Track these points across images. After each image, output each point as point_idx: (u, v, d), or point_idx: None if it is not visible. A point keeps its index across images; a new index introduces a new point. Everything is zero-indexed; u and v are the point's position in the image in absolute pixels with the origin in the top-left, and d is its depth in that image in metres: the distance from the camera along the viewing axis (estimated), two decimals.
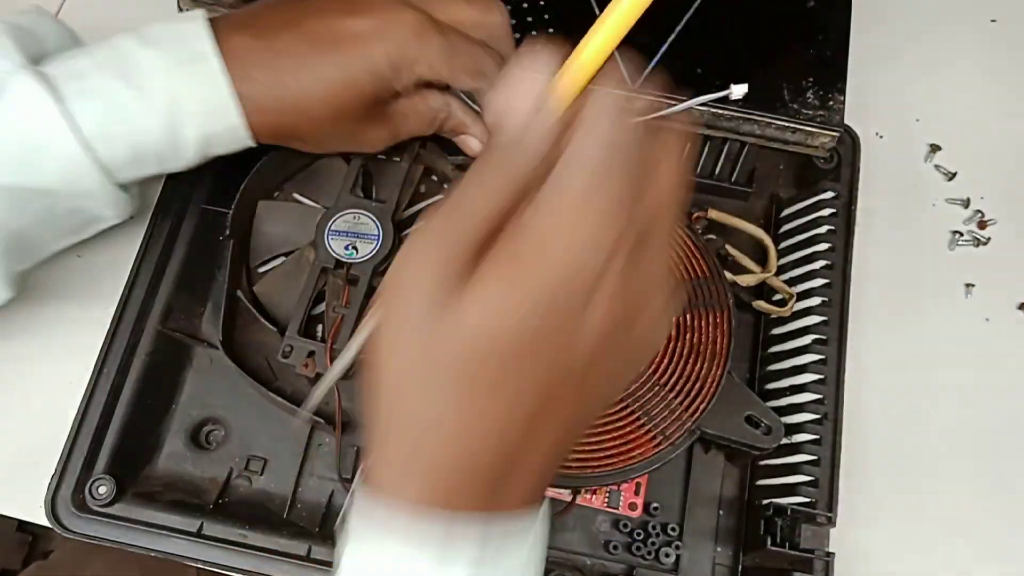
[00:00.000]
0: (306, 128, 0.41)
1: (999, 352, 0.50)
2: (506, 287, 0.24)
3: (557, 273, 0.23)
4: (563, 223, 0.23)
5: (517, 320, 0.23)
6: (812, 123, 0.47)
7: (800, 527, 0.40)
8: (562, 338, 0.24)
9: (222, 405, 0.46)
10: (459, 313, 0.24)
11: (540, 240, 0.23)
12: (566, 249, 0.23)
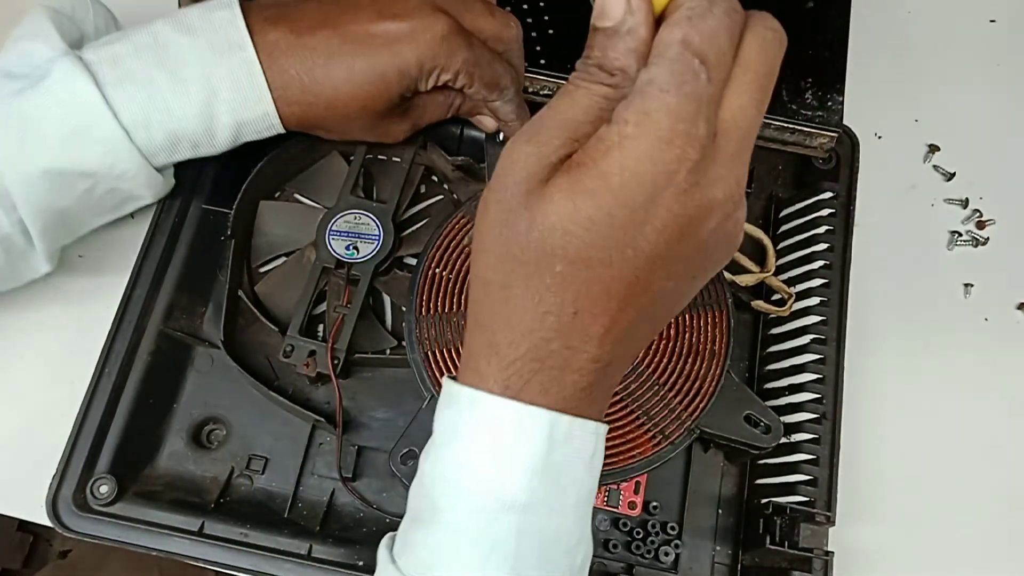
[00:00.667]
0: (333, 120, 0.43)
1: (998, 351, 0.50)
2: (574, 194, 0.26)
3: (620, 182, 0.26)
4: (627, 135, 0.26)
5: (582, 226, 0.26)
6: (811, 124, 0.47)
7: (799, 526, 0.40)
8: (624, 243, 0.27)
9: (223, 404, 0.46)
10: (534, 214, 0.27)
11: (607, 151, 0.26)
12: (627, 161, 0.26)
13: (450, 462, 0.30)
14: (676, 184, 0.26)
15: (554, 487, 0.29)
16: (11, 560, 0.95)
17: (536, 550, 0.29)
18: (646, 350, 0.42)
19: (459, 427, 0.29)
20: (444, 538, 0.29)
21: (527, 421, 0.28)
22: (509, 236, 0.28)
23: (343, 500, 0.44)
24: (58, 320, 0.48)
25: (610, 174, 0.26)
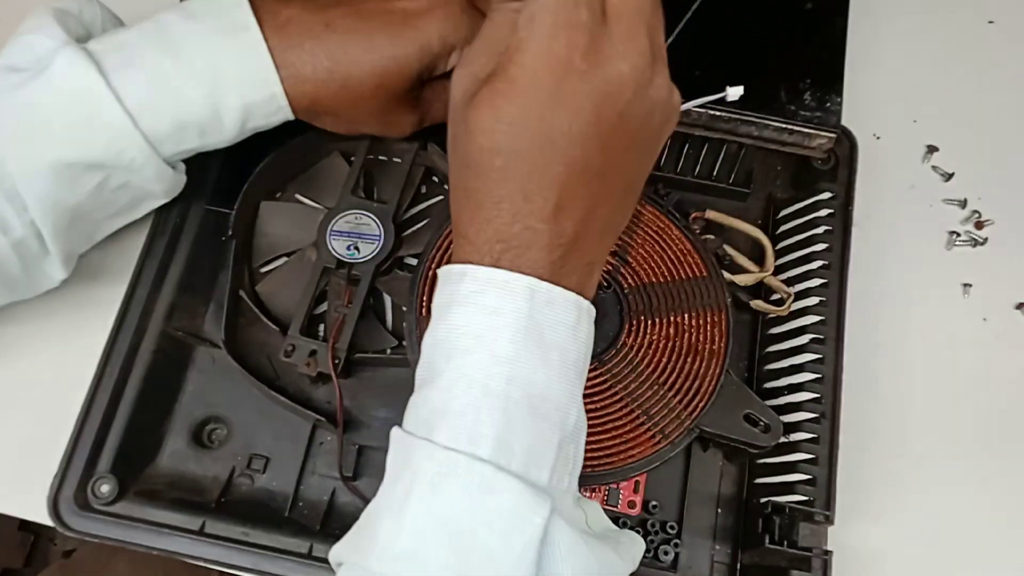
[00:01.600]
0: (346, 102, 0.41)
1: (996, 352, 0.50)
2: (493, 98, 0.31)
3: (524, 80, 0.31)
4: (521, 39, 0.31)
5: (505, 122, 0.31)
6: (809, 124, 0.47)
7: (798, 525, 0.40)
8: (548, 131, 0.31)
9: (224, 404, 0.46)
10: (468, 123, 0.32)
11: (510, 56, 0.31)
12: (526, 60, 0.31)
13: (445, 329, 0.32)
14: (574, 69, 0.30)
15: (537, 346, 0.31)
16: (12, 560, 0.95)
17: (525, 400, 0.31)
18: (646, 349, 0.42)
19: (452, 299, 0.32)
20: (441, 392, 0.32)
21: (511, 284, 0.32)
22: (457, 145, 0.33)
23: (344, 499, 0.44)
24: (59, 320, 0.48)
25: (515, 75, 0.31)
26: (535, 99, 0.31)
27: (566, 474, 0.32)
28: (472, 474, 0.30)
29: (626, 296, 0.44)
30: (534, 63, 0.31)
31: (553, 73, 0.31)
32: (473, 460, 0.30)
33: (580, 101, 0.31)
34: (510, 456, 0.30)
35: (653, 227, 0.46)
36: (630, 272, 0.44)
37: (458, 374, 0.31)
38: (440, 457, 0.30)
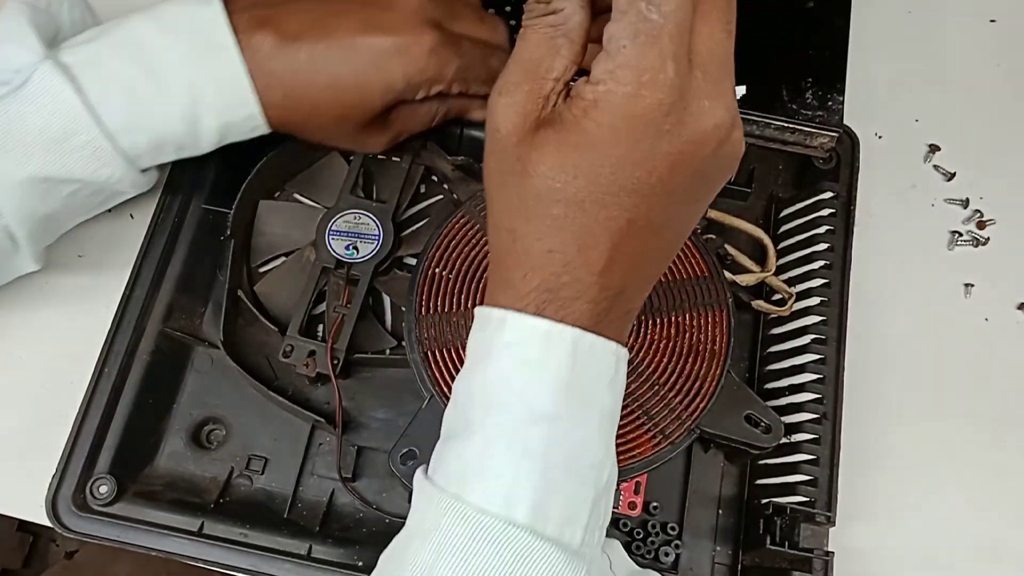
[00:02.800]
0: (312, 126, 0.42)
1: (998, 352, 0.50)
2: (561, 147, 0.29)
3: (601, 137, 0.28)
4: (599, 93, 0.28)
5: (571, 174, 0.29)
6: (811, 123, 0.47)
7: (799, 526, 0.40)
8: (616, 187, 0.29)
9: (223, 404, 0.46)
10: (526, 165, 0.29)
11: (585, 111, 0.28)
12: (604, 118, 0.28)
13: (482, 379, 0.31)
14: (658, 128, 0.28)
15: (579, 401, 0.30)
16: (11, 560, 0.95)
17: (564, 460, 0.30)
18: (646, 350, 0.42)
19: (490, 346, 0.31)
20: (477, 449, 0.30)
21: (554, 336, 0.30)
22: (508, 184, 0.30)
23: (343, 500, 0.44)
24: (58, 320, 0.48)
25: (590, 131, 0.28)
26: (609, 156, 0.28)
27: (597, 528, 0.31)
28: (507, 540, 0.29)
29: None
30: (614, 123, 0.28)
31: (634, 133, 0.28)
32: (508, 525, 0.29)
33: (657, 160, 0.29)
34: (546, 520, 0.29)
35: None
36: None
37: (496, 432, 0.30)
38: (472, 520, 0.29)
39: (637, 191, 0.29)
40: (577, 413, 0.30)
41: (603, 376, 0.31)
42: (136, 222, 0.50)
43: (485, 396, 0.31)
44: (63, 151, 0.39)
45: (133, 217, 0.50)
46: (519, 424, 0.30)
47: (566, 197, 0.29)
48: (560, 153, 0.29)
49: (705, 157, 0.29)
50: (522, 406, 0.30)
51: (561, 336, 0.30)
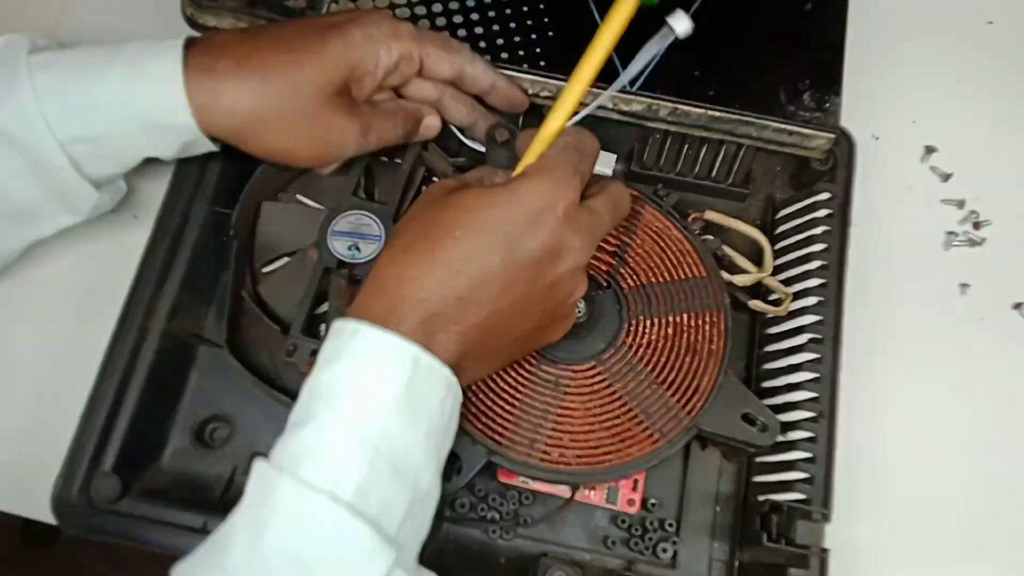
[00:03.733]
0: (269, 101, 0.41)
1: (994, 352, 0.50)
2: (479, 196, 0.36)
3: (516, 200, 0.36)
4: (527, 174, 0.37)
5: (476, 215, 0.36)
6: (808, 125, 0.47)
7: (796, 523, 0.40)
8: (508, 240, 0.36)
9: (227, 404, 0.47)
10: (439, 207, 0.37)
11: (514, 182, 0.37)
12: (522, 187, 0.37)
13: (328, 378, 0.34)
14: (555, 213, 0.36)
15: (411, 410, 0.34)
16: (15, 558, 0.95)
17: (389, 458, 0.33)
18: (645, 349, 0.43)
19: (341, 352, 0.34)
20: (312, 433, 0.33)
21: (400, 349, 0.34)
22: (425, 218, 0.37)
23: None
24: (62, 319, 0.48)
25: (516, 190, 0.36)
26: (517, 214, 0.35)
27: (412, 535, 0.34)
28: (329, 513, 0.31)
29: (625, 296, 0.44)
30: (531, 191, 0.36)
31: (542, 203, 0.36)
32: (332, 501, 0.31)
33: (542, 236, 0.36)
34: (366, 504, 0.32)
35: (652, 227, 0.46)
36: (629, 272, 0.45)
37: (333, 419, 0.33)
38: (302, 493, 0.31)
39: (520, 252, 0.36)
40: (408, 420, 0.33)
41: (435, 395, 0.35)
42: (140, 222, 0.50)
43: (329, 392, 0.34)
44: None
45: (137, 218, 0.51)
46: (355, 417, 0.33)
47: (461, 229, 0.36)
48: (477, 199, 0.36)
49: (564, 269, 0.37)
50: (360, 403, 0.33)
51: (405, 349, 0.34)
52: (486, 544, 0.44)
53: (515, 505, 0.44)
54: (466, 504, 0.44)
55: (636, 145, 0.50)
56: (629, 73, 0.41)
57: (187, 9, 0.49)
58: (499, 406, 0.41)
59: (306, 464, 0.32)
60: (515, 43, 0.49)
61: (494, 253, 0.35)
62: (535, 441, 0.40)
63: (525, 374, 0.42)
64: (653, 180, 0.50)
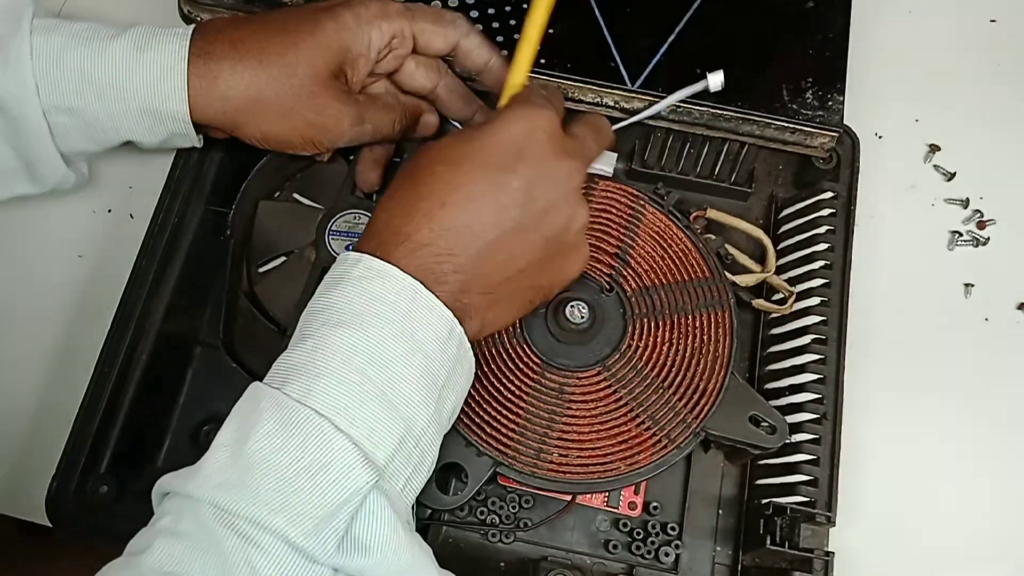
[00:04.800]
0: (264, 82, 0.41)
1: (998, 352, 0.50)
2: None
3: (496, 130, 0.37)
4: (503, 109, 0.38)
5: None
6: (811, 123, 0.47)
7: (799, 526, 0.40)
8: (498, 165, 0.36)
9: (223, 405, 0.45)
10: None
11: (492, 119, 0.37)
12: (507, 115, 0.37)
13: (325, 302, 0.34)
14: (535, 135, 0.36)
15: (407, 341, 0.33)
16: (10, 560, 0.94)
17: (380, 382, 0.32)
18: (649, 352, 0.42)
19: (340, 279, 0.34)
20: (304, 354, 0.33)
21: (399, 279, 0.34)
22: (409, 167, 0.37)
23: None
24: (57, 320, 0.48)
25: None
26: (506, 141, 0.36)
27: (402, 474, 0.33)
28: (310, 426, 0.31)
29: (629, 299, 0.43)
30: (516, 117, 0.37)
31: (530, 129, 0.36)
32: (315, 415, 0.31)
33: (535, 155, 0.36)
34: (351, 423, 0.31)
35: (654, 228, 0.45)
36: (632, 274, 0.44)
37: (325, 341, 0.33)
38: (287, 406, 0.31)
39: (516, 175, 0.36)
40: (403, 350, 0.33)
41: (434, 332, 0.34)
42: (136, 222, 0.50)
43: (325, 315, 0.34)
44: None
45: (133, 217, 0.50)
46: (348, 338, 0.33)
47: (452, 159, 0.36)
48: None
49: (561, 194, 0.37)
50: (355, 325, 0.33)
51: (403, 280, 0.34)
52: (486, 548, 0.44)
53: (515, 508, 0.44)
54: (465, 507, 0.44)
55: (638, 143, 0.50)
56: (660, 107, 0.46)
57: (184, 6, 0.49)
58: (503, 415, 0.40)
59: (293, 380, 0.32)
60: (515, 41, 0.48)
61: (478, 179, 0.35)
62: (541, 451, 0.40)
63: (529, 382, 0.41)
64: (655, 179, 0.50)
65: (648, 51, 0.48)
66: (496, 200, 0.35)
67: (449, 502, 0.39)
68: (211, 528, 0.30)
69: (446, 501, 0.39)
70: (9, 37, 0.39)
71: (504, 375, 0.41)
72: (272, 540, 0.29)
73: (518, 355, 0.42)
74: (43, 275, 0.49)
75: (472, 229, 0.35)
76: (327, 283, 0.35)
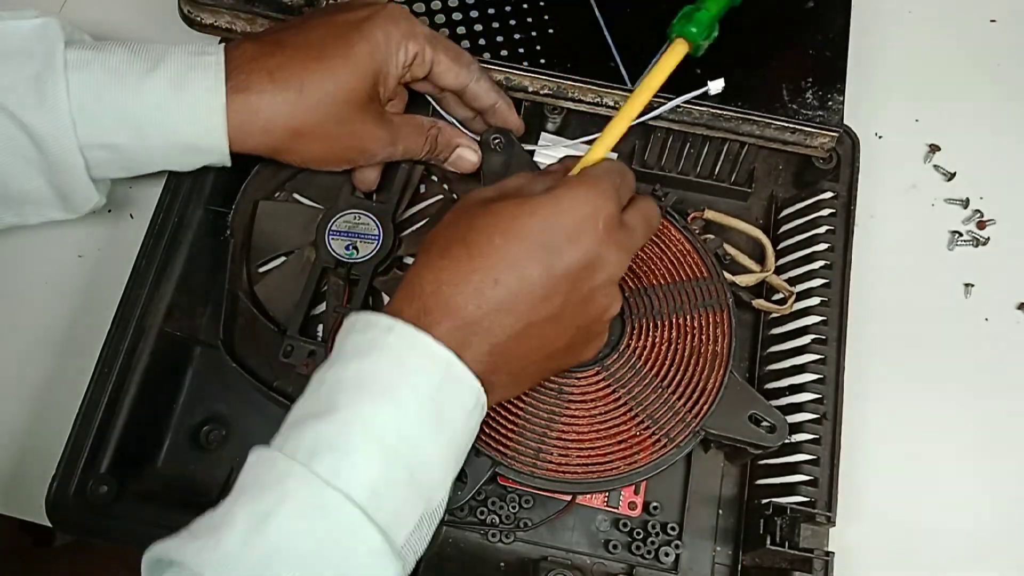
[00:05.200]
0: (299, 142, 0.42)
1: (998, 352, 0.50)
2: (519, 204, 0.36)
3: (563, 207, 0.35)
4: (569, 183, 0.36)
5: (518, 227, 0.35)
6: (811, 123, 0.47)
7: (799, 526, 0.40)
8: (548, 249, 0.35)
9: (223, 405, 0.46)
10: (481, 214, 0.36)
11: (554, 189, 0.36)
12: (567, 194, 0.36)
13: (356, 370, 0.33)
14: (596, 224, 0.35)
15: (436, 417, 0.33)
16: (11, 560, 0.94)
17: (408, 466, 0.32)
18: (648, 352, 0.42)
19: (372, 346, 0.33)
20: (335, 427, 0.32)
21: (433, 350, 0.33)
22: (462, 224, 0.36)
23: None
24: (57, 320, 0.48)
25: (558, 197, 0.35)
26: (560, 222, 0.35)
27: (413, 552, 0.33)
28: (341, 513, 0.30)
29: (627, 299, 0.43)
30: (576, 200, 0.35)
31: (585, 213, 0.35)
32: (346, 501, 0.30)
33: (584, 244, 0.35)
34: (378, 509, 0.31)
35: None
36: (630, 274, 0.44)
37: (358, 417, 0.32)
38: (315, 486, 0.30)
39: (558, 263, 0.35)
40: (432, 429, 0.33)
41: (462, 407, 0.34)
42: (136, 222, 0.50)
43: (357, 385, 0.33)
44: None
45: (133, 217, 0.50)
46: (379, 417, 0.32)
47: (500, 236, 0.34)
48: (521, 207, 0.35)
49: (599, 282, 0.36)
50: (388, 402, 0.32)
51: (438, 353, 0.33)
52: (486, 548, 0.44)
53: (515, 508, 0.44)
54: (465, 508, 0.44)
55: (638, 143, 0.50)
56: (661, 110, 0.46)
57: (184, 6, 0.49)
58: (503, 416, 0.40)
59: (323, 458, 0.31)
60: (515, 40, 0.48)
61: (534, 261, 0.34)
62: (540, 451, 0.40)
63: None
64: (655, 179, 0.50)
65: (648, 51, 0.48)
66: (546, 286, 0.34)
67: (448, 502, 0.39)
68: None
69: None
70: (44, 73, 0.38)
71: None
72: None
73: None
74: (43, 275, 0.49)
75: (518, 312, 0.34)
76: (358, 348, 0.34)
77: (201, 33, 0.49)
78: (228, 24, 0.49)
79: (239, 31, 0.49)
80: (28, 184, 0.41)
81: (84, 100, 0.39)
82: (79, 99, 0.39)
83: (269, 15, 0.48)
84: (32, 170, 0.40)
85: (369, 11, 0.42)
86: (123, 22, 0.54)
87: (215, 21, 0.49)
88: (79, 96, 0.39)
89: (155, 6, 0.53)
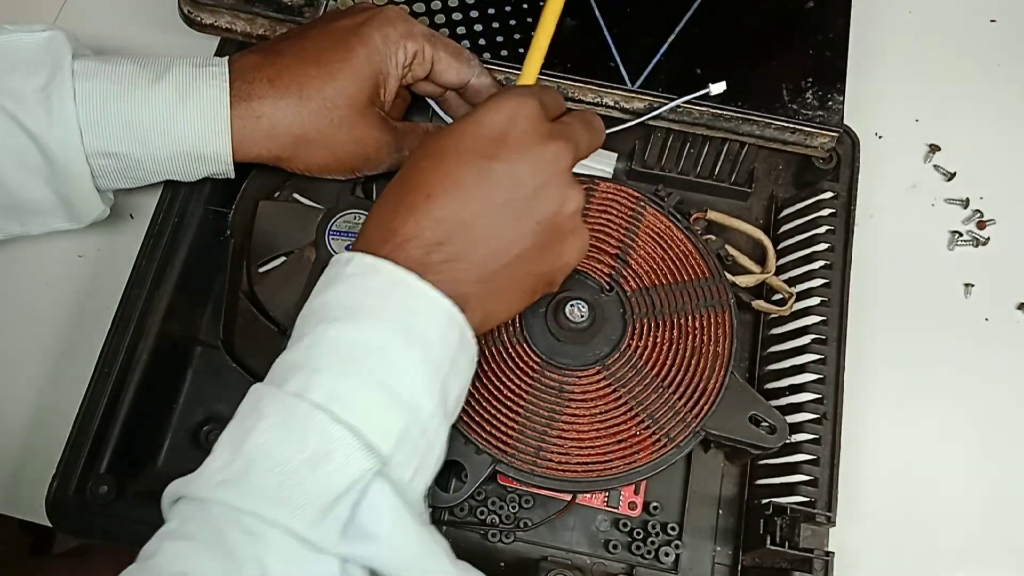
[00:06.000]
0: (303, 149, 0.43)
1: (998, 352, 0.50)
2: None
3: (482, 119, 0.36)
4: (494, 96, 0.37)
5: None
6: (811, 123, 0.47)
7: (800, 526, 0.40)
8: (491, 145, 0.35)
9: (223, 405, 0.46)
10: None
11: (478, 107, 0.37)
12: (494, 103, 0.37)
13: (320, 302, 0.35)
14: (518, 121, 0.35)
15: (406, 334, 0.33)
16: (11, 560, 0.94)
17: (380, 373, 0.33)
18: (649, 352, 0.42)
19: (334, 278, 0.35)
20: (301, 351, 0.33)
21: (390, 271, 0.34)
22: (400, 169, 0.37)
23: None
24: (57, 320, 0.48)
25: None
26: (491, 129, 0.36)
27: (410, 464, 0.33)
28: (310, 419, 0.31)
29: (628, 299, 0.43)
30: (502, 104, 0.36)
31: (511, 116, 0.36)
32: (314, 407, 0.31)
33: (520, 142, 0.36)
34: (350, 414, 0.31)
35: (654, 228, 0.45)
36: (632, 274, 0.44)
37: (321, 338, 0.33)
38: (285, 402, 0.32)
39: (504, 150, 0.35)
40: (400, 340, 0.33)
41: (434, 323, 0.34)
42: (136, 223, 0.50)
43: (321, 313, 0.34)
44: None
45: (132, 217, 0.50)
46: (343, 335, 0.33)
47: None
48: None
49: (546, 178, 0.36)
50: (350, 320, 0.33)
51: (395, 274, 0.34)
52: (486, 548, 0.43)
53: (515, 508, 0.44)
54: (465, 507, 0.44)
55: (638, 144, 0.50)
56: (661, 111, 0.46)
57: (184, 6, 0.49)
58: (503, 414, 0.40)
59: (292, 378, 0.32)
60: (515, 40, 0.48)
61: (461, 169, 0.35)
62: (541, 449, 0.40)
63: (529, 381, 0.41)
64: (655, 179, 0.50)
65: (648, 51, 0.48)
66: (480, 187, 0.35)
67: (449, 499, 0.39)
68: (217, 527, 0.30)
69: (445, 498, 0.39)
70: (52, 84, 0.39)
71: (504, 374, 0.41)
72: (276, 533, 0.30)
73: (518, 354, 0.42)
74: (43, 275, 0.49)
75: (460, 217, 0.35)
76: (321, 285, 0.35)
77: (201, 33, 0.49)
78: (228, 24, 0.49)
79: (239, 31, 0.49)
80: (34, 193, 0.42)
81: (91, 109, 0.39)
82: (86, 108, 0.39)
83: (269, 15, 0.48)
84: (38, 179, 0.41)
85: (366, 15, 0.43)
86: (123, 23, 0.54)
87: (215, 21, 0.49)
88: (86, 105, 0.39)
89: (155, 6, 0.53)
